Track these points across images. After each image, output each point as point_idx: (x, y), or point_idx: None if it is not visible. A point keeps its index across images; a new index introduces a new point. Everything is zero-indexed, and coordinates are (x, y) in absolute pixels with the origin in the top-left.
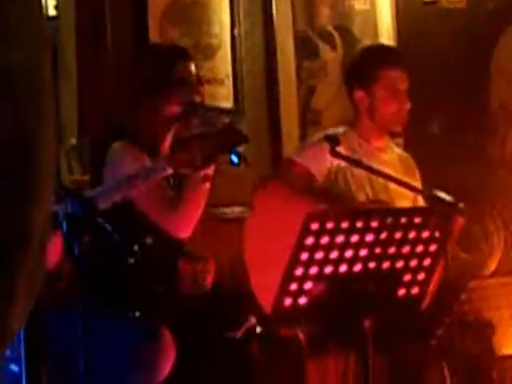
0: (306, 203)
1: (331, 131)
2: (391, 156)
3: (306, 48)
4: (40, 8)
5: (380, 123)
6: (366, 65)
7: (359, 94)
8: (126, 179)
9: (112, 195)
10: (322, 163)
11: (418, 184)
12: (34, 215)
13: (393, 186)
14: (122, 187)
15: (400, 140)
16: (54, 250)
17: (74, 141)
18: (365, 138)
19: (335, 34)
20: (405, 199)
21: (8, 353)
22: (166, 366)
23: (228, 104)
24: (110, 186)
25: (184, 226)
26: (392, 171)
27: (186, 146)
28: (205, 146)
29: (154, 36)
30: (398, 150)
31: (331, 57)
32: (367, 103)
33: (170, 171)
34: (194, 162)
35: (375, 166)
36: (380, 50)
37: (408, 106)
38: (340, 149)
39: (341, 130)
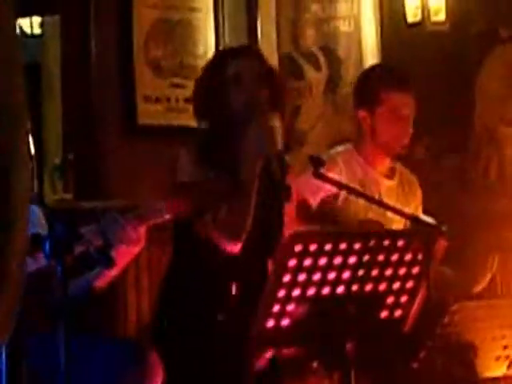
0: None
1: (333, 151)
2: (393, 181)
3: (290, 68)
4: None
5: (380, 145)
6: (370, 86)
7: (362, 113)
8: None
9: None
10: (318, 188)
11: (417, 205)
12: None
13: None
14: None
15: None
16: None
17: (57, 160)
18: (368, 162)
19: (320, 54)
20: (397, 223)
21: None
22: None
23: None
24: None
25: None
26: (391, 197)
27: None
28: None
29: (138, 54)
30: (402, 171)
31: (316, 77)
32: (369, 124)
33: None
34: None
35: (366, 190)
36: (386, 71)
37: (410, 131)
38: (340, 171)
39: (340, 148)
